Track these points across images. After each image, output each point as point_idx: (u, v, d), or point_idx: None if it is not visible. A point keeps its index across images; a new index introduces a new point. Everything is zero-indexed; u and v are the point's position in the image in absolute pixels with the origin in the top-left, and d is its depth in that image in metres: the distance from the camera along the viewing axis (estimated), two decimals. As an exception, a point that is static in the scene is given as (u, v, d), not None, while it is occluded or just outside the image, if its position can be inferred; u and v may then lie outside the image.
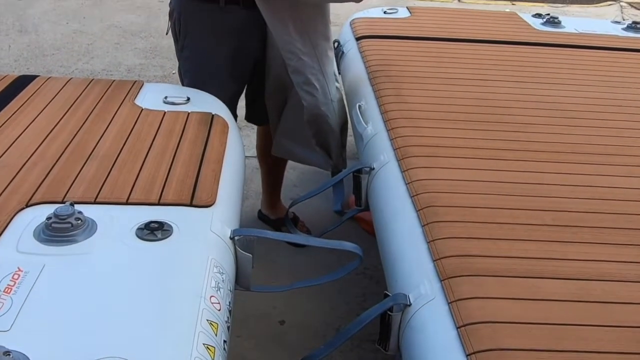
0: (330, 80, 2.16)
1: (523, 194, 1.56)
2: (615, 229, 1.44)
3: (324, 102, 2.14)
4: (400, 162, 1.71)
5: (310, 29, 2.06)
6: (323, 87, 2.13)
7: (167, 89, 1.99)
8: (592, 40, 2.76)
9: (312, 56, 2.08)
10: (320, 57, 2.10)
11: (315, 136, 2.22)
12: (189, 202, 1.38)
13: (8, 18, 5.10)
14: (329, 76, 2.15)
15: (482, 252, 1.33)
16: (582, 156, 1.78)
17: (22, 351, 0.95)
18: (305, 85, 2.10)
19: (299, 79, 2.10)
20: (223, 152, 1.64)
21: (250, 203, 2.78)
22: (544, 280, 1.26)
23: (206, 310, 1.11)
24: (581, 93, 2.20)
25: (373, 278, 2.38)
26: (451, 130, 1.87)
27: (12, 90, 1.91)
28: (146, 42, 4.64)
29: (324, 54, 2.12)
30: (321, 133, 2.21)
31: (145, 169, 1.50)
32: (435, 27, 2.80)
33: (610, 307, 1.20)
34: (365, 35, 2.65)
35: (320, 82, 2.12)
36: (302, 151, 2.30)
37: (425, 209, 1.49)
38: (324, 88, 2.13)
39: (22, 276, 1.12)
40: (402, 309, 1.28)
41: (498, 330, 1.12)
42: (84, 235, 1.23)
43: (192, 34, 2.14)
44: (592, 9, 6.18)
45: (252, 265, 1.42)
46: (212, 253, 1.27)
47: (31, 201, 1.35)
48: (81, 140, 1.63)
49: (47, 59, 4.38)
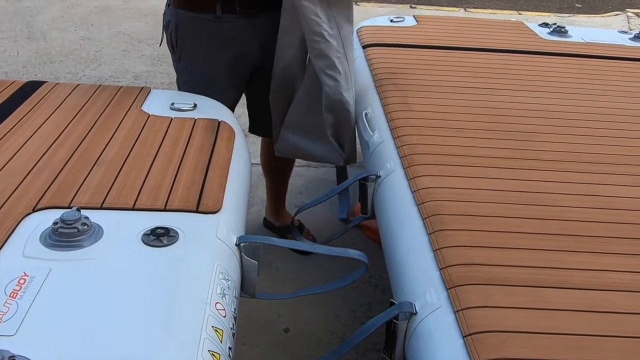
0: (352, 65, 2.14)
1: (529, 203, 1.56)
2: (621, 238, 1.44)
3: (345, 88, 2.10)
4: (407, 170, 1.71)
5: (336, 10, 2.04)
6: (346, 71, 2.10)
7: (174, 96, 2.00)
8: (599, 50, 2.75)
9: (337, 39, 2.05)
10: (345, 41, 2.08)
11: (333, 126, 2.16)
12: (195, 209, 1.38)
13: (17, 25, 5.13)
14: (350, 61, 2.13)
15: (489, 261, 1.33)
16: (588, 165, 1.77)
17: (27, 356, 0.95)
18: (329, 69, 2.06)
19: (323, 62, 2.05)
20: (229, 159, 1.65)
21: (256, 210, 2.78)
22: (550, 289, 1.25)
23: (211, 317, 1.11)
24: (588, 102, 2.20)
25: (378, 286, 2.37)
26: (457, 139, 1.87)
27: (20, 96, 1.92)
28: (153, 50, 4.66)
29: (348, 38, 2.10)
30: (339, 122, 2.15)
31: (151, 175, 1.50)
32: (442, 36, 2.80)
33: (617, 317, 1.19)
34: (372, 43, 2.65)
35: (344, 66, 2.09)
36: (311, 145, 2.22)
37: (431, 217, 1.49)
38: (346, 73, 2.10)
39: (28, 281, 1.12)
40: (407, 317, 1.28)
41: (504, 339, 1.11)
42: (90, 240, 1.24)
43: (189, 44, 2.14)
44: (598, 18, 6.18)
45: (258, 273, 1.42)
46: (217, 259, 1.27)
47: (38, 206, 1.35)
48: (88, 146, 1.64)
49: (55, 66, 4.40)
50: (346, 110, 2.12)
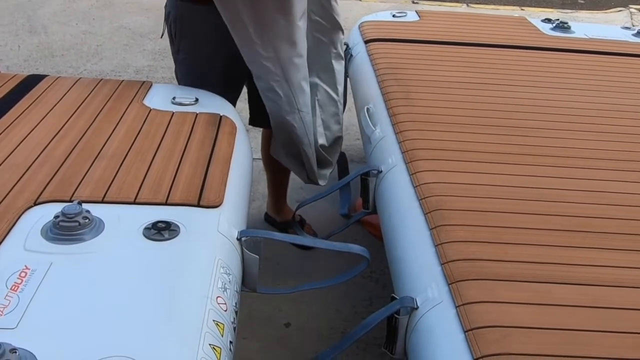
0: (297, 89, 2.04)
1: (531, 198, 1.56)
2: (624, 234, 1.44)
3: (288, 111, 2.04)
4: (408, 165, 1.71)
5: (271, 32, 1.94)
6: (288, 95, 2.02)
7: (176, 90, 2.00)
8: (602, 46, 2.74)
9: (274, 62, 1.97)
10: (283, 64, 1.99)
11: (285, 144, 2.14)
12: (197, 203, 1.38)
13: (18, 19, 5.13)
14: (294, 85, 2.03)
15: (490, 256, 1.33)
16: (591, 161, 1.77)
17: (29, 349, 0.95)
18: (268, 92, 2.02)
19: (262, 85, 2.01)
20: (231, 153, 1.64)
21: (257, 205, 2.77)
22: (552, 285, 1.25)
23: (212, 311, 1.11)
24: (591, 98, 2.19)
25: (379, 282, 2.37)
26: (459, 134, 1.86)
27: (21, 90, 1.91)
28: (155, 44, 4.65)
29: (289, 61, 2.00)
30: (290, 142, 2.12)
31: (153, 169, 1.50)
32: (444, 31, 2.79)
33: (619, 313, 1.19)
34: (374, 38, 2.64)
35: (284, 89, 2.01)
36: (284, 156, 2.23)
37: (433, 212, 1.49)
38: (288, 97, 2.03)
39: (29, 274, 1.12)
40: (409, 312, 1.28)
41: (506, 334, 1.11)
42: (91, 234, 1.23)
43: (188, 36, 2.13)
44: (601, 15, 6.16)
45: (259, 267, 1.41)
46: (219, 254, 1.26)
47: (39, 199, 1.35)
48: (89, 139, 1.63)
49: (56, 60, 4.40)
50: (294, 133, 2.08)
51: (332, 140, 2.29)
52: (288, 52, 1.98)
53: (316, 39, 2.21)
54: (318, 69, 2.25)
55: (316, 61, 2.23)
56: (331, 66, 2.26)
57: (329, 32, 2.23)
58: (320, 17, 2.18)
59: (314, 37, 2.20)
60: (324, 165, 2.31)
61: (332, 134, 2.29)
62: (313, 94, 2.24)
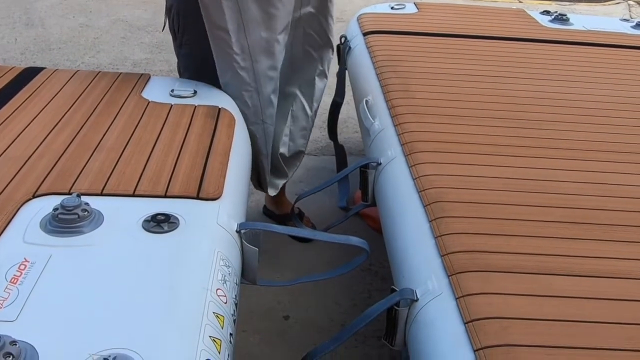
0: (266, 102, 2.05)
1: (531, 190, 1.56)
2: (627, 226, 1.43)
3: (252, 122, 2.04)
4: (408, 158, 1.71)
5: (253, 43, 1.95)
6: (256, 106, 2.04)
7: (174, 82, 1.99)
8: (601, 38, 2.74)
9: (249, 72, 1.98)
10: (258, 76, 1.99)
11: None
12: (196, 195, 1.38)
13: (15, 11, 5.11)
14: (265, 97, 2.04)
15: (490, 248, 1.32)
16: (590, 153, 1.76)
17: (28, 341, 0.95)
18: (237, 99, 2.00)
19: (230, 91, 2.00)
20: (230, 146, 1.64)
21: (255, 198, 2.77)
22: (553, 276, 1.25)
23: (212, 303, 1.11)
24: (590, 90, 2.19)
25: (378, 274, 2.38)
26: (459, 126, 1.86)
27: (19, 82, 1.91)
28: (152, 37, 4.64)
29: (264, 74, 2.01)
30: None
31: (151, 162, 1.49)
32: (443, 23, 2.79)
33: (621, 304, 1.19)
34: (373, 30, 2.64)
35: (254, 100, 2.03)
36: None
37: (432, 204, 1.49)
38: (256, 108, 2.04)
39: (28, 267, 1.12)
40: (409, 304, 1.28)
41: (506, 326, 1.11)
42: (91, 226, 1.23)
43: (191, 30, 2.12)
44: (599, 7, 6.15)
45: (258, 259, 1.41)
46: (218, 246, 1.26)
47: (38, 192, 1.35)
48: (88, 132, 1.63)
49: (54, 53, 4.38)
50: (254, 142, 2.07)
51: (293, 152, 2.33)
52: (265, 65, 2.00)
53: (307, 52, 2.25)
54: (301, 81, 2.28)
55: (301, 74, 2.27)
56: (314, 82, 2.30)
57: (320, 49, 2.27)
58: (315, 32, 2.22)
59: (305, 50, 2.24)
60: (279, 175, 2.34)
61: (295, 147, 2.33)
62: (289, 104, 2.27)
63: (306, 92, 2.31)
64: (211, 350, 1.01)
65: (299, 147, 2.36)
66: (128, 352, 0.94)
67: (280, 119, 2.24)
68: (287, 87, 2.25)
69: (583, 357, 1.06)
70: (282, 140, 2.28)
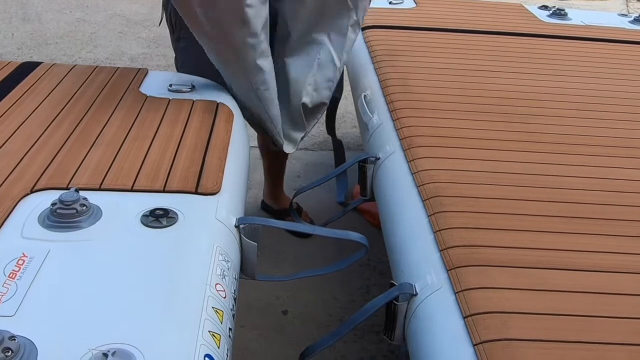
0: (252, 70, 1.94)
1: (531, 185, 1.56)
2: (624, 220, 1.43)
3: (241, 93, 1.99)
4: (406, 152, 1.70)
5: (219, 12, 1.84)
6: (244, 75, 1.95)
7: (172, 77, 1.98)
8: (599, 33, 2.74)
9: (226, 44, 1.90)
10: (235, 46, 1.90)
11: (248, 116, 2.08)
12: (194, 190, 1.37)
13: (11, 6, 5.09)
14: (249, 66, 1.93)
15: (489, 243, 1.32)
16: (589, 148, 1.77)
17: (27, 336, 0.95)
18: (226, 79, 1.98)
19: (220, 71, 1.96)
20: (228, 141, 1.63)
21: (253, 193, 2.77)
22: (552, 271, 1.25)
23: (211, 298, 1.10)
24: (588, 85, 2.19)
25: (376, 269, 2.38)
26: (457, 121, 1.86)
27: (15, 77, 1.90)
28: (149, 32, 4.63)
29: (242, 42, 1.89)
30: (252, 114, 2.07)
31: (150, 157, 1.49)
32: (441, 18, 2.78)
33: (620, 298, 1.19)
34: (371, 25, 2.63)
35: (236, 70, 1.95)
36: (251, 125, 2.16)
37: (431, 199, 1.48)
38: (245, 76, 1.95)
39: (26, 262, 1.11)
40: (408, 298, 1.27)
41: (505, 320, 1.11)
42: (89, 221, 1.23)
43: None
44: (597, 2, 6.15)
45: (257, 254, 1.41)
46: (217, 241, 1.26)
47: (36, 187, 1.34)
48: (86, 127, 1.62)
49: (50, 48, 4.37)
50: (252, 110, 2.03)
51: (316, 104, 2.18)
52: (239, 35, 1.87)
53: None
54: (331, 29, 2.10)
55: (332, 21, 2.09)
56: (345, 31, 2.11)
57: None
58: None
59: None
60: (296, 128, 2.20)
61: (319, 98, 2.17)
62: (315, 52, 2.11)
63: (336, 42, 2.13)
64: (210, 345, 1.01)
65: (322, 99, 2.18)
66: (127, 347, 0.94)
67: (304, 67, 2.11)
68: (314, 34, 2.09)
69: (582, 351, 1.06)
70: (306, 89, 2.13)
